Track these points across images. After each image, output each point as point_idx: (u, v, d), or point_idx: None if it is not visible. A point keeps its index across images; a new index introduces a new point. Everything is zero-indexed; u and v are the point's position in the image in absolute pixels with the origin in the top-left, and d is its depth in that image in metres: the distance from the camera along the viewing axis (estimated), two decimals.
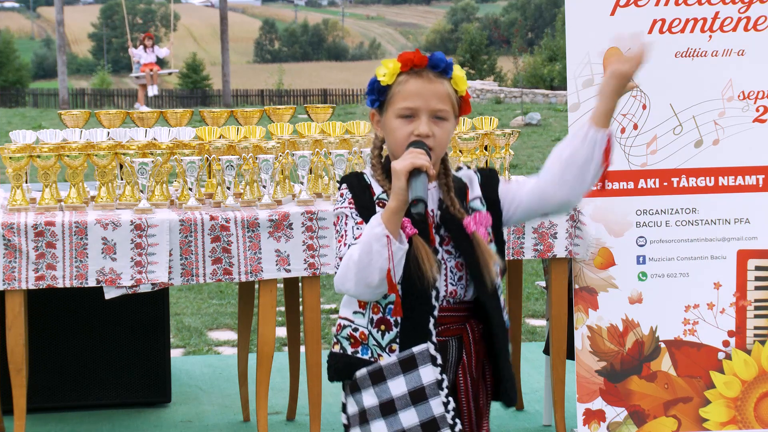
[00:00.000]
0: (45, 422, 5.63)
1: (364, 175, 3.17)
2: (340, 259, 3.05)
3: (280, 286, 6.10)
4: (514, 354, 5.72)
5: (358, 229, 3.04)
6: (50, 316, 5.69)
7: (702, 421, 5.00)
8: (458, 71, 3.15)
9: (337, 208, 3.13)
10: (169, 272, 4.77)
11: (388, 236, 2.94)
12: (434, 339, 3.09)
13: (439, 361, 3.08)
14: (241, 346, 5.76)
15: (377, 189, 3.12)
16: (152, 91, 25.03)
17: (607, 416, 4.99)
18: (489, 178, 3.24)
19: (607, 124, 3.14)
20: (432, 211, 3.13)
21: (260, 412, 4.98)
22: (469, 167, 3.30)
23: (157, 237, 4.74)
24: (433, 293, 3.08)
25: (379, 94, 3.14)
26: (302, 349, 5.49)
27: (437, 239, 3.12)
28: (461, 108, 3.19)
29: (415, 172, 2.96)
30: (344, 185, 3.15)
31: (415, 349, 3.08)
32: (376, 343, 3.11)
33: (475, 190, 3.20)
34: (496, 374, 3.19)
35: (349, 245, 3.02)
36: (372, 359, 3.11)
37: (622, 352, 4.99)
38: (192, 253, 4.78)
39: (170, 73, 27.03)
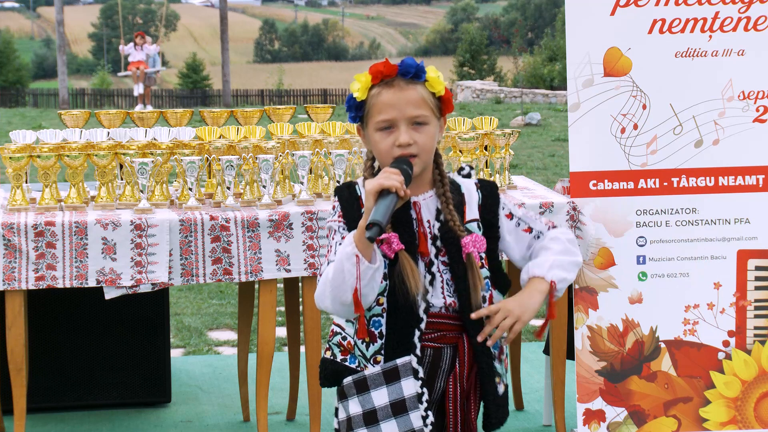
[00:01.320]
0: (45, 422, 5.63)
1: (356, 186, 3.16)
2: (320, 275, 3.07)
3: (280, 286, 6.10)
4: (513, 354, 5.72)
5: (340, 245, 3.05)
6: (50, 316, 5.68)
7: (702, 421, 5.00)
8: (432, 72, 3.12)
9: (328, 221, 3.14)
10: (169, 272, 4.77)
11: (357, 256, 2.94)
12: (418, 352, 3.09)
13: (421, 374, 3.09)
14: (241, 346, 5.76)
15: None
16: (138, 89, 25.20)
17: (607, 416, 4.99)
18: (490, 199, 3.21)
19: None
20: (428, 221, 3.12)
21: (260, 412, 4.98)
22: (471, 172, 3.26)
23: (157, 237, 4.74)
24: (422, 306, 3.08)
25: (356, 110, 3.14)
26: (302, 349, 5.49)
27: (433, 251, 3.11)
28: (442, 108, 3.16)
29: (384, 193, 2.95)
30: (336, 198, 3.15)
31: (399, 361, 3.08)
32: (360, 354, 3.12)
33: (473, 211, 3.18)
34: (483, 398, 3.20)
35: (329, 262, 3.04)
36: (358, 368, 3.12)
37: (622, 352, 4.99)
38: (192, 253, 4.78)
39: (157, 72, 27.03)
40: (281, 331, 7.02)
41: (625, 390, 4.99)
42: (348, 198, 3.13)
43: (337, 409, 3.18)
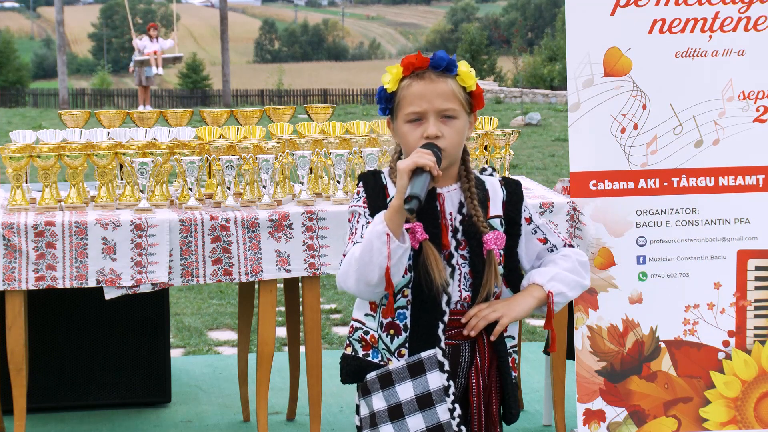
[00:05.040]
0: (45, 422, 5.62)
1: (382, 175, 3.16)
2: (344, 255, 3.06)
3: (280, 286, 6.10)
4: None
5: (367, 228, 3.04)
6: (50, 316, 5.68)
7: (702, 421, 5.00)
8: (464, 67, 3.14)
9: (351, 206, 3.14)
10: (169, 272, 4.76)
11: (388, 234, 2.94)
12: (443, 345, 3.09)
13: (447, 367, 3.08)
14: (241, 346, 5.76)
15: (392, 190, 3.11)
16: (156, 71, 25.27)
17: (607, 416, 4.99)
18: (514, 196, 3.22)
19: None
20: (450, 214, 3.13)
21: (260, 412, 4.98)
22: (494, 172, 3.27)
23: (157, 237, 4.74)
24: (444, 298, 3.08)
25: (387, 102, 3.15)
26: (302, 349, 5.49)
27: (453, 243, 3.11)
28: (473, 103, 3.16)
29: (417, 171, 2.95)
30: (360, 183, 3.15)
31: (423, 355, 3.08)
32: (385, 347, 3.11)
33: (497, 207, 3.18)
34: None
35: (355, 243, 3.03)
36: (382, 363, 3.12)
37: (622, 352, 4.99)
38: (192, 254, 4.78)
39: (175, 59, 27.06)
40: (281, 331, 7.02)
41: (625, 390, 4.99)
42: (374, 186, 3.13)
43: (358, 406, 3.18)
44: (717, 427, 4.99)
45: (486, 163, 5.38)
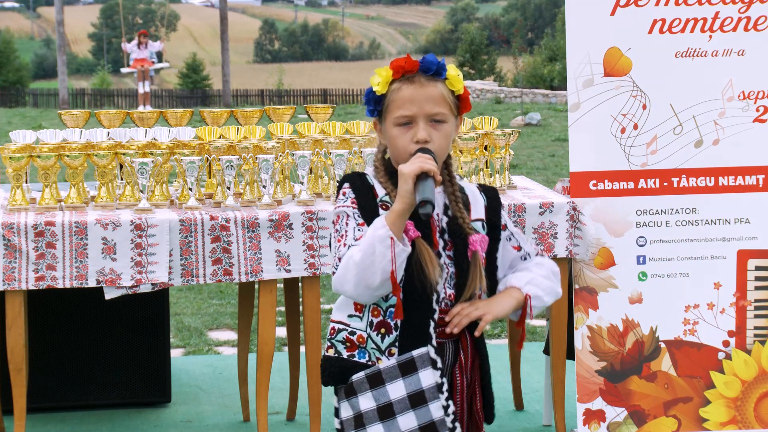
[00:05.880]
0: (45, 422, 5.63)
1: (367, 176, 3.16)
2: (339, 259, 3.04)
3: (280, 286, 6.10)
4: (513, 354, 5.71)
5: (359, 230, 3.03)
6: (50, 316, 5.68)
7: (702, 421, 5.00)
8: (452, 71, 3.13)
9: (338, 207, 3.12)
10: (169, 272, 4.77)
11: (392, 238, 2.94)
12: (434, 342, 3.09)
13: (440, 364, 3.08)
14: (241, 346, 5.76)
15: (380, 191, 3.11)
16: (142, 87, 25.19)
17: (607, 416, 4.99)
18: (494, 201, 3.24)
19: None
20: (437, 215, 3.13)
21: (260, 412, 4.98)
22: (463, 178, 3.30)
23: (157, 237, 4.74)
24: (434, 297, 3.08)
25: (375, 104, 3.15)
26: (302, 349, 5.49)
27: (441, 243, 3.12)
28: (460, 107, 3.17)
29: (422, 176, 2.96)
30: (346, 184, 3.14)
31: (415, 353, 3.07)
32: (375, 347, 3.10)
33: (478, 211, 3.20)
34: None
35: (349, 246, 3.02)
36: (369, 363, 3.11)
37: (622, 352, 4.99)
38: (192, 254, 4.78)
39: (160, 69, 27.18)
40: (281, 331, 7.02)
41: (625, 390, 4.99)
42: (361, 186, 3.13)
43: (337, 409, 3.16)
44: (717, 427, 5.00)
45: (486, 164, 5.38)
